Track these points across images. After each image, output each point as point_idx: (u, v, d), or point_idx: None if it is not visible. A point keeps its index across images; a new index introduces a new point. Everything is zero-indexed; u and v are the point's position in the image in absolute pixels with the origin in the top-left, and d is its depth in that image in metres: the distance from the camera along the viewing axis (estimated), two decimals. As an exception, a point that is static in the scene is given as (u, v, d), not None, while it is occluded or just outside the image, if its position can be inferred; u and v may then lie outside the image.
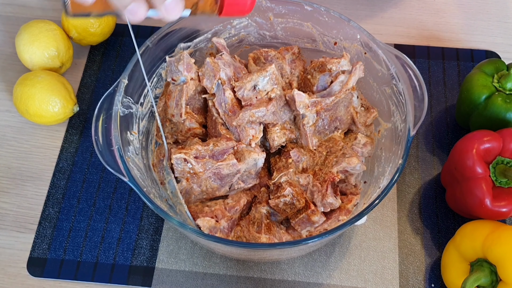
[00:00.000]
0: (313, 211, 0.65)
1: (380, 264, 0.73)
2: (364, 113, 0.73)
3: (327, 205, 0.65)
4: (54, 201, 0.77)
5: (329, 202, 0.65)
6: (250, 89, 0.67)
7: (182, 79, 0.69)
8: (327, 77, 0.70)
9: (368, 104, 0.73)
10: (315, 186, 0.66)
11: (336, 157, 0.68)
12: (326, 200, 0.65)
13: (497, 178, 0.69)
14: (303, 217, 0.65)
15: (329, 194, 0.65)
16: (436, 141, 0.82)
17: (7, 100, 0.85)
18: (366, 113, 0.73)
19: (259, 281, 0.72)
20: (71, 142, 0.82)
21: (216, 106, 0.69)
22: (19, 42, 0.82)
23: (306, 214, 0.65)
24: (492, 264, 0.65)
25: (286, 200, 0.65)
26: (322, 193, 0.65)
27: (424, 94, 0.66)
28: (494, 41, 0.91)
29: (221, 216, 0.66)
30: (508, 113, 0.73)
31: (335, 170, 0.66)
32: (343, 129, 0.73)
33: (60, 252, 0.73)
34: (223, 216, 0.66)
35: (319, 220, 0.65)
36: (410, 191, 0.78)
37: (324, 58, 0.71)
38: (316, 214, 0.65)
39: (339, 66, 0.69)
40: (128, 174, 0.60)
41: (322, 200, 0.65)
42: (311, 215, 0.65)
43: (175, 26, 0.71)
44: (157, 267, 0.73)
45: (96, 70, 0.88)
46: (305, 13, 0.73)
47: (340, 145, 0.69)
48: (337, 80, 0.69)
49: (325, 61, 0.70)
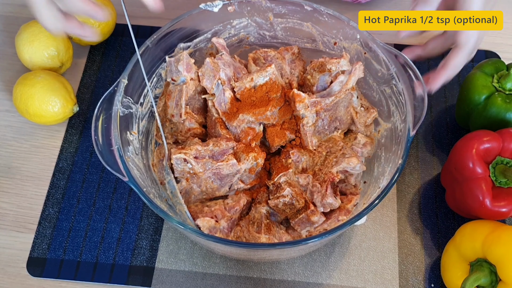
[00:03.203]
0: (312, 211, 0.65)
1: (379, 264, 0.73)
2: (364, 113, 0.73)
3: (327, 205, 0.65)
4: (54, 201, 0.77)
5: (329, 202, 0.65)
6: (249, 89, 0.67)
7: (181, 79, 0.69)
8: (326, 77, 0.70)
9: (368, 104, 0.73)
10: (315, 186, 0.66)
11: (336, 157, 0.68)
12: (326, 201, 0.65)
13: (497, 178, 0.69)
14: (302, 217, 0.65)
15: (328, 195, 0.65)
16: (436, 141, 0.82)
17: (7, 100, 0.85)
18: (365, 113, 0.73)
19: (259, 281, 0.72)
20: (71, 142, 0.82)
21: (216, 106, 0.69)
22: (19, 42, 0.82)
23: (306, 214, 0.65)
24: (492, 264, 0.65)
25: (285, 200, 0.65)
26: (322, 193, 0.65)
27: (424, 94, 0.66)
28: (494, 41, 0.91)
29: (221, 216, 0.66)
30: (508, 113, 0.73)
31: (335, 170, 0.66)
32: (343, 129, 0.72)
33: (59, 252, 0.73)
34: (223, 216, 0.66)
35: (318, 220, 0.65)
36: (410, 191, 0.78)
37: (323, 58, 0.71)
38: (315, 214, 0.65)
39: (338, 66, 0.69)
40: (128, 174, 0.60)
41: (322, 201, 0.65)
42: (311, 215, 0.65)
43: (175, 26, 0.71)
44: (157, 267, 0.73)
45: (96, 70, 0.88)
46: (305, 13, 0.73)
47: (340, 145, 0.69)
48: (336, 80, 0.69)
49: (325, 61, 0.70)
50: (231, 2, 0.72)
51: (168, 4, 0.94)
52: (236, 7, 0.73)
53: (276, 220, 0.68)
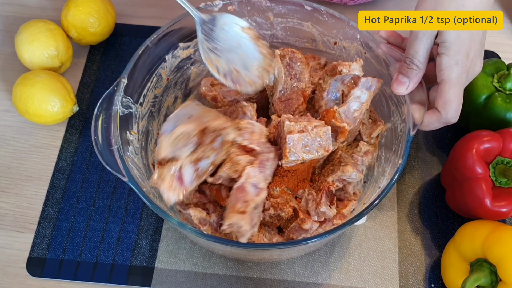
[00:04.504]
0: (302, 219, 0.64)
1: (380, 264, 0.73)
2: (371, 125, 0.72)
3: (321, 214, 0.64)
4: (53, 201, 0.77)
5: (322, 211, 0.64)
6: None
7: None
8: (338, 84, 0.69)
9: (376, 117, 0.72)
10: (311, 194, 0.65)
11: (333, 165, 0.67)
12: (320, 209, 0.64)
13: (497, 178, 0.69)
14: (294, 226, 0.65)
15: (323, 203, 0.64)
16: (436, 141, 0.82)
17: (6, 100, 0.85)
18: (372, 125, 0.72)
19: (258, 281, 0.72)
20: (70, 142, 0.82)
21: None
22: (19, 42, 0.82)
23: (297, 223, 0.64)
24: (492, 264, 0.65)
25: (270, 213, 0.64)
26: (316, 201, 0.64)
27: (424, 93, 0.66)
28: (494, 41, 0.91)
29: (212, 210, 0.66)
30: (508, 113, 0.73)
31: (331, 180, 0.65)
32: (349, 141, 0.72)
33: (59, 252, 0.73)
34: (215, 211, 0.66)
35: (311, 227, 0.64)
36: (410, 191, 0.78)
37: (337, 62, 0.69)
38: (306, 222, 0.64)
39: (350, 69, 0.67)
40: (128, 174, 0.60)
41: (316, 209, 0.64)
42: (301, 223, 0.64)
43: (175, 26, 0.71)
44: (157, 267, 0.72)
45: (96, 70, 0.88)
46: (305, 13, 0.73)
47: (338, 153, 0.68)
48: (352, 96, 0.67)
49: (337, 63, 0.68)
50: (231, 2, 0.72)
51: (168, 4, 0.94)
52: (236, 6, 0.73)
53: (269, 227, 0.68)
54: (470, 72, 0.66)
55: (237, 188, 0.61)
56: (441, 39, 0.63)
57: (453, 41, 0.62)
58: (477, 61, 0.66)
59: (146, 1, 0.95)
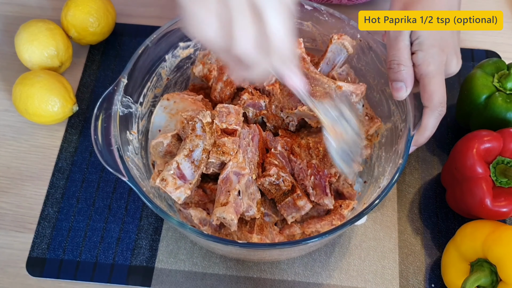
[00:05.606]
0: (298, 195, 0.65)
1: (380, 264, 0.73)
2: (368, 123, 0.72)
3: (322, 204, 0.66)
4: (53, 201, 0.77)
5: (325, 202, 0.65)
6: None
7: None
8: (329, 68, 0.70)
9: (373, 114, 0.73)
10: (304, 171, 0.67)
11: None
12: (323, 201, 0.65)
13: (497, 178, 0.69)
14: (288, 200, 0.65)
15: (328, 194, 0.65)
16: (436, 141, 0.82)
17: (6, 100, 0.85)
18: (369, 123, 0.72)
19: (258, 281, 0.72)
20: (70, 142, 0.81)
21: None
22: (19, 42, 0.82)
23: (292, 198, 0.65)
24: (492, 264, 0.64)
25: (271, 179, 0.65)
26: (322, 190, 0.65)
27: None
28: (495, 40, 0.91)
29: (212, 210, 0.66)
30: (509, 113, 0.73)
31: (333, 171, 0.66)
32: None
33: (59, 252, 0.73)
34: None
35: (304, 205, 0.65)
36: (410, 191, 0.78)
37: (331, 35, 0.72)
38: (301, 198, 0.65)
39: (341, 38, 0.70)
40: (128, 173, 0.60)
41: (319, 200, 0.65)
42: (297, 200, 0.65)
43: (175, 26, 0.71)
44: (157, 267, 0.72)
45: (96, 70, 0.88)
46: (305, 12, 0.73)
47: None
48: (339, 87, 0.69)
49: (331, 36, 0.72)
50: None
51: (168, 4, 0.94)
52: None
53: (270, 221, 0.68)
54: (447, 70, 0.66)
55: (221, 180, 0.64)
56: (414, 36, 0.64)
57: (426, 36, 0.64)
58: (453, 59, 0.66)
59: (146, 1, 0.95)
